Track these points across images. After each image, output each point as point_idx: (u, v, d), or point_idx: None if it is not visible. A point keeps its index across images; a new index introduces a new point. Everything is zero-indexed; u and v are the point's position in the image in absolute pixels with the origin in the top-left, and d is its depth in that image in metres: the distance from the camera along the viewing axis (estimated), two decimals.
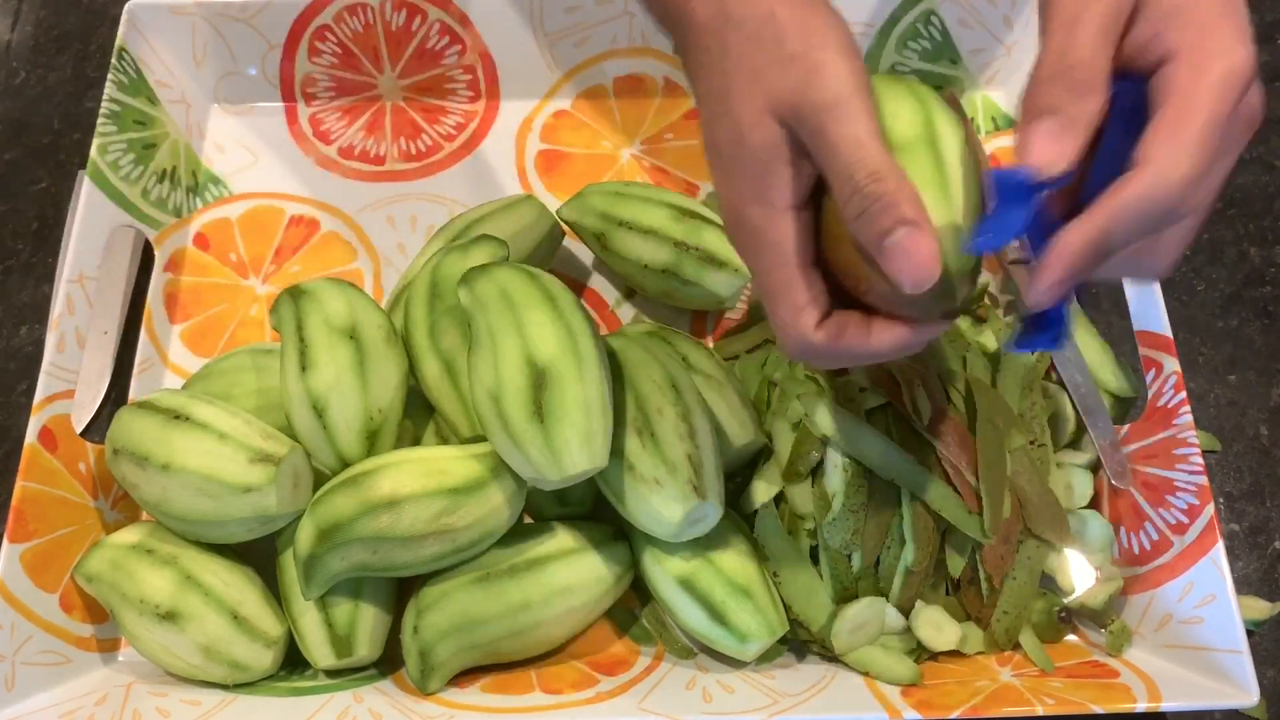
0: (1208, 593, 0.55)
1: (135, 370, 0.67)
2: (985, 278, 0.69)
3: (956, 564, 0.58)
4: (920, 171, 0.40)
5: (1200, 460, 0.57)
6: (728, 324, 0.69)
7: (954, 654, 0.58)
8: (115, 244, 0.68)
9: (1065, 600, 0.58)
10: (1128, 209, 0.39)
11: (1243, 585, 0.62)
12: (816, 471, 0.58)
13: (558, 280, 0.57)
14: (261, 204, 0.74)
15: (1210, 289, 0.71)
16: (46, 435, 0.59)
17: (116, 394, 0.67)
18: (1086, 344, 0.64)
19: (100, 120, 0.68)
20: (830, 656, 0.58)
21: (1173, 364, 0.60)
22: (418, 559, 0.54)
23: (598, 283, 0.72)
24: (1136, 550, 0.59)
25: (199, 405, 0.57)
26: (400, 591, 0.59)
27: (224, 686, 0.57)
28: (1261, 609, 0.61)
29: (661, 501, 0.53)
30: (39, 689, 0.56)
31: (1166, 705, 0.52)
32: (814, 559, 0.58)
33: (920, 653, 0.58)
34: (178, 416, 0.56)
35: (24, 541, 0.56)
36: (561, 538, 0.57)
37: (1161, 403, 0.60)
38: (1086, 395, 0.62)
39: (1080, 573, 0.59)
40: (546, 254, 0.69)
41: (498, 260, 0.61)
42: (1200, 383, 0.68)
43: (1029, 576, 0.57)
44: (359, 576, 0.56)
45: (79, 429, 0.62)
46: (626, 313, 0.70)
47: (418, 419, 0.62)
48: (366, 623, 0.56)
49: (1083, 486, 0.60)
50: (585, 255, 0.72)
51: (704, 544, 0.56)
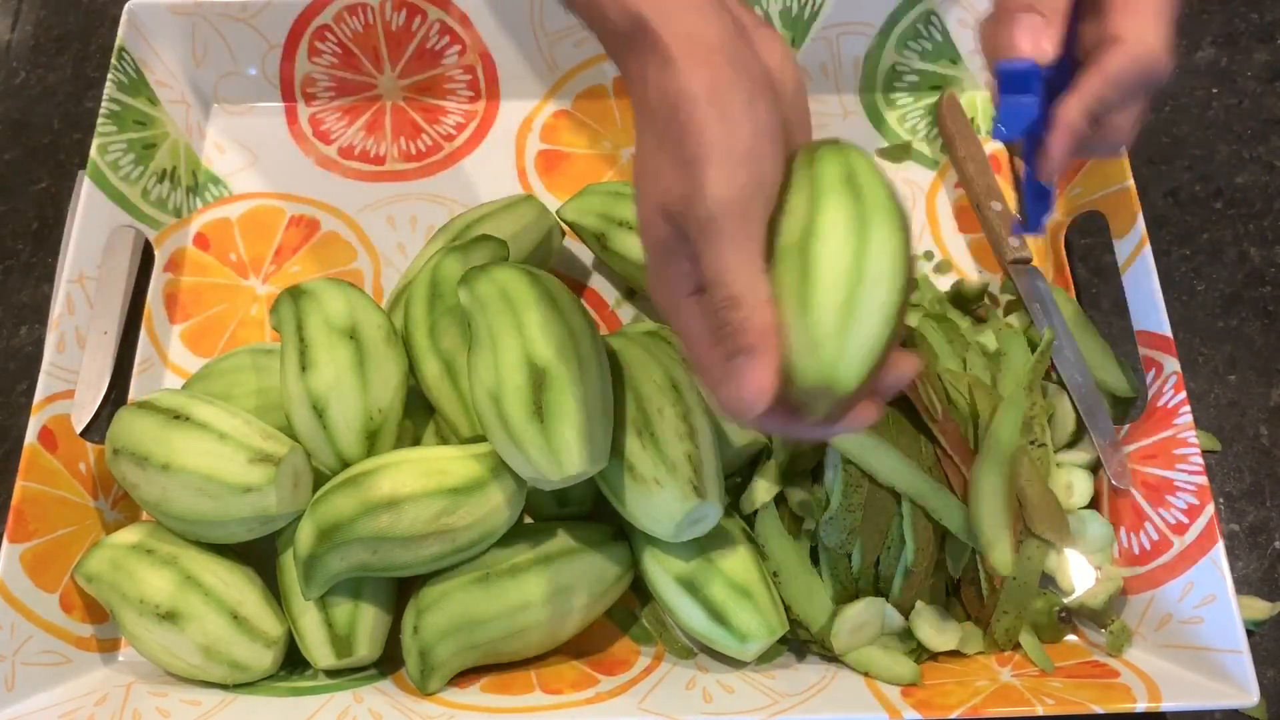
0: (1208, 593, 0.55)
1: (135, 370, 0.67)
2: (985, 278, 0.69)
3: (956, 564, 0.58)
4: (788, 282, 0.39)
5: (1200, 460, 0.57)
6: None
7: (954, 654, 0.58)
8: (115, 244, 0.68)
9: (1065, 600, 0.58)
10: (1118, 74, 0.46)
11: (1243, 585, 0.62)
12: (816, 472, 0.58)
13: (558, 280, 0.57)
14: (261, 204, 0.74)
15: (1210, 289, 0.71)
16: (46, 435, 0.59)
17: (116, 394, 0.67)
18: (1086, 344, 0.64)
19: (100, 120, 0.68)
20: (830, 656, 0.58)
21: (1173, 364, 0.60)
22: (418, 559, 0.54)
23: (598, 283, 0.72)
24: (1136, 550, 0.59)
25: (199, 405, 0.57)
26: (400, 591, 0.59)
27: (224, 686, 0.57)
28: (1261, 609, 0.61)
29: (661, 501, 0.53)
30: (39, 689, 0.56)
31: (1166, 705, 0.52)
32: (814, 559, 0.58)
33: (920, 653, 0.58)
34: (178, 416, 0.56)
35: (24, 541, 0.56)
36: (561, 538, 0.57)
37: (1161, 403, 0.60)
38: (1086, 395, 0.62)
39: (1080, 573, 0.59)
40: (546, 254, 0.69)
41: (498, 260, 0.61)
42: (1200, 383, 0.67)
43: (1029, 576, 0.57)
44: (359, 576, 0.56)
45: (79, 429, 0.62)
46: (626, 313, 0.70)
47: (418, 419, 0.62)
48: (366, 623, 0.56)
49: (1083, 486, 0.60)
50: (585, 255, 0.72)
51: (704, 544, 0.56)
